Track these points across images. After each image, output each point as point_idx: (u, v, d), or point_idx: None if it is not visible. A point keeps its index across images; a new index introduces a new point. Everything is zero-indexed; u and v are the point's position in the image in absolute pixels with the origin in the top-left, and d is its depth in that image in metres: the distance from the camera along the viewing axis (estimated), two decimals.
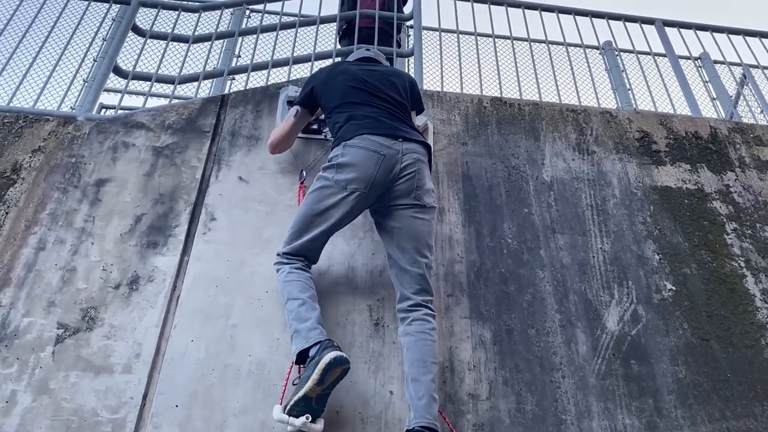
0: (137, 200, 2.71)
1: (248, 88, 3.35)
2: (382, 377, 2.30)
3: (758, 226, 3.12)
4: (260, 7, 4.36)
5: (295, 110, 2.70)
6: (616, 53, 4.39)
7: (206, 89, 4.46)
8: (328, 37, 4.57)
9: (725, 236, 3.03)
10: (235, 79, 4.30)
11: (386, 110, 2.51)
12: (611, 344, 2.54)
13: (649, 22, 4.28)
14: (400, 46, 4.29)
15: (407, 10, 4.47)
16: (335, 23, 4.22)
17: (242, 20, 4.54)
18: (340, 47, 4.23)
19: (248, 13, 4.65)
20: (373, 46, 3.65)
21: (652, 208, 3.08)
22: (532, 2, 4.17)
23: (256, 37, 3.89)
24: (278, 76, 4.40)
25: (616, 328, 2.60)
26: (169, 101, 3.43)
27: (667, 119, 3.59)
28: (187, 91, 4.67)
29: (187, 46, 3.74)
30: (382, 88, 2.57)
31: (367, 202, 2.37)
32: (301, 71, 4.16)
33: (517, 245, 2.81)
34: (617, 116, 3.53)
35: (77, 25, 3.64)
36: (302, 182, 2.78)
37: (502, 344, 2.48)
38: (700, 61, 4.58)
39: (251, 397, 2.18)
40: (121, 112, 3.40)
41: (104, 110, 4.82)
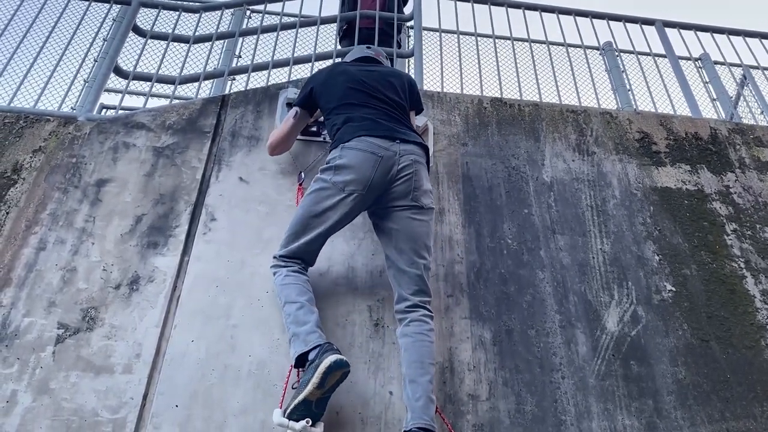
0: (138, 200, 2.72)
1: (249, 88, 3.35)
2: (381, 378, 2.30)
3: (758, 227, 3.12)
4: (261, 7, 4.36)
5: (294, 111, 2.70)
6: (616, 54, 4.39)
7: (207, 90, 4.46)
8: (328, 37, 4.57)
9: (725, 237, 3.04)
10: (235, 79, 4.31)
11: (384, 111, 2.51)
12: (611, 345, 2.54)
13: (649, 22, 4.28)
14: (400, 46, 4.30)
15: (407, 10, 4.47)
16: (336, 24, 4.23)
17: (243, 21, 4.54)
18: (340, 48, 4.23)
19: (249, 13, 4.65)
20: (373, 45, 3.66)
21: (652, 208, 3.08)
22: (532, 3, 4.17)
23: (256, 37, 3.90)
24: (279, 76, 4.40)
25: (615, 328, 2.60)
26: (169, 102, 3.43)
27: (667, 120, 3.59)
28: (187, 91, 4.67)
29: (187, 46, 3.75)
30: (380, 88, 2.57)
31: (364, 203, 2.37)
32: (301, 72, 4.16)
33: (517, 246, 2.81)
34: (617, 117, 3.53)
35: (78, 25, 3.64)
36: (301, 184, 2.78)
37: (501, 345, 2.48)
38: (700, 61, 4.58)
39: (251, 397, 2.19)
40: (121, 112, 3.40)
41: (105, 110, 4.83)
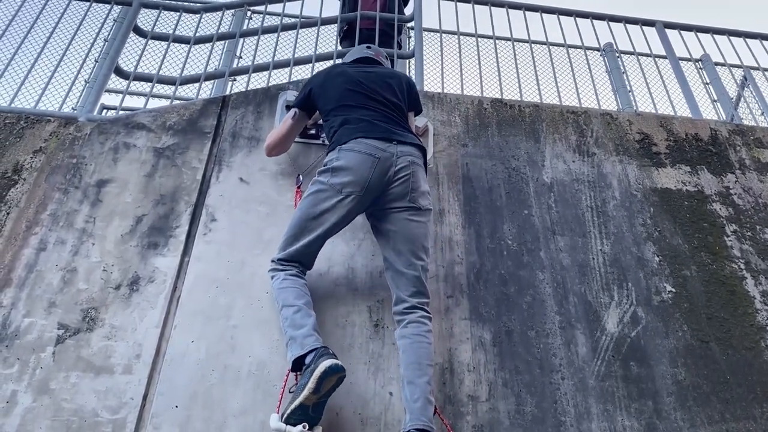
0: (138, 201, 2.72)
1: (249, 89, 3.35)
2: (381, 378, 2.31)
3: (758, 228, 3.12)
4: (261, 8, 4.37)
5: (292, 112, 2.69)
6: (616, 55, 4.39)
7: (207, 90, 4.46)
8: (329, 38, 4.58)
9: (725, 238, 3.03)
10: (236, 80, 4.31)
11: (381, 113, 2.51)
12: (611, 346, 2.54)
13: (649, 24, 4.28)
14: (401, 47, 4.30)
15: (408, 11, 4.48)
16: (336, 25, 4.23)
17: (243, 21, 4.55)
18: (341, 48, 4.24)
19: (249, 14, 4.65)
20: (373, 45, 3.66)
21: (652, 209, 3.08)
22: (533, 4, 4.17)
23: (257, 38, 3.90)
24: (279, 77, 4.42)
25: (615, 329, 2.60)
26: (170, 102, 3.43)
27: (667, 121, 3.59)
28: (188, 92, 4.67)
29: (188, 47, 3.75)
30: (378, 90, 2.57)
31: (362, 205, 2.37)
32: (302, 72, 4.16)
33: (517, 247, 2.81)
34: (618, 118, 3.53)
35: (79, 25, 3.64)
36: (299, 186, 2.77)
37: (501, 346, 2.48)
38: (700, 62, 4.58)
39: (251, 397, 2.19)
40: (122, 112, 3.41)
41: (105, 111, 4.83)
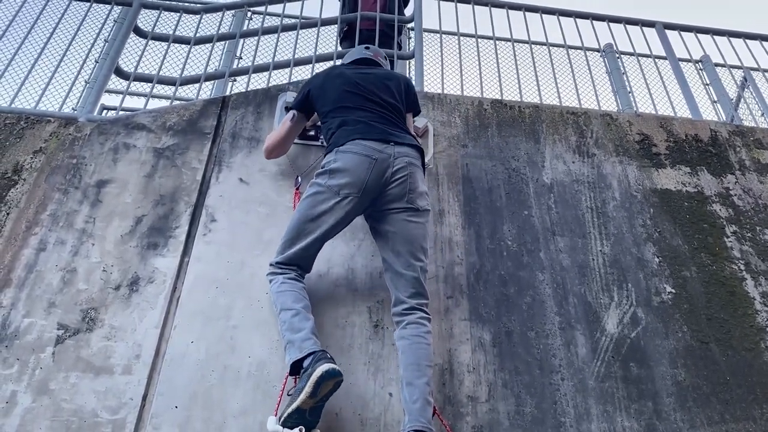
0: (138, 201, 2.72)
1: (249, 89, 3.35)
2: (381, 379, 2.31)
3: (758, 229, 3.12)
4: (261, 9, 4.37)
5: (291, 114, 2.69)
6: (616, 56, 4.39)
7: (207, 91, 4.46)
8: (329, 39, 4.58)
9: (725, 239, 3.03)
10: (236, 80, 4.31)
11: (379, 114, 2.52)
12: (611, 347, 2.54)
13: (649, 24, 4.28)
14: (401, 48, 4.30)
15: (408, 12, 4.48)
16: (336, 25, 4.23)
17: (243, 22, 4.55)
18: (341, 49, 4.24)
19: (249, 14, 4.66)
20: (372, 45, 3.66)
21: (651, 210, 3.08)
22: (533, 5, 4.17)
23: (257, 38, 3.90)
24: (279, 77, 4.42)
25: (615, 330, 2.60)
26: (170, 103, 3.43)
27: (667, 122, 3.59)
28: (188, 92, 4.67)
29: (188, 47, 3.75)
30: (375, 91, 2.57)
31: (360, 207, 2.37)
32: (302, 73, 4.16)
33: (516, 247, 2.81)
34: (617, 119, 3.53)
35: (79, 26, 3.64)
36: (298, 188, 2.77)
37: (501, 346, 2.48)
38: (700, 63, 4.58)
39: (251, 398, 2.19)
40: (122, 113, 3.41)
41: (105, 111, 4.83)
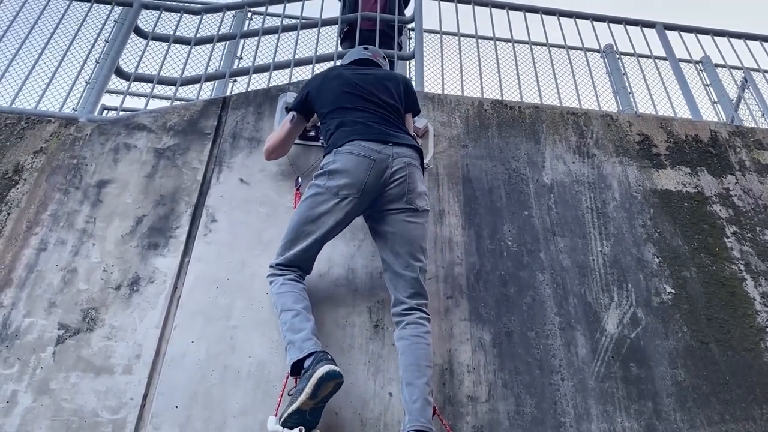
0: (138, 201, 2.72)
1: (250, 90, 3.35)
2: (381, 379, 2.31)
3: (758, 229, 3.12)
4: (262, 9, 4.37)
5: (291, 116, 2.70)
6: (617, 56, 4.39)
7: (208, 91, 4.47)
8: (329, 39, 4.58)
9: (725, 239, 3.04)
10: (236, 81, 4.31)
11: (377, 114, 2.52)
12: (610, 347, 2.54)
13: (650, 25, 4.29)
14: (401, 48, 4.30)
15: (408, 12, 4.48)
16: (336, 26, 4.24)
17: (244, 22, 4.55)
18: (341, 50, 4.24)
19: (250, 15, 4.66)
20: (371, 45, 3.66)
21: (652, 211, 3.08)
22: (533, 5, 4.18)
23: (257, 39, 3.91)
24: (280, 78, 4.42)
25: (615, 330, 2.60)
26: (170, 103, 3.44)
27: (667, 122, 3.59)
28: (188, 92, 4.67)
29: (188, 48, 3.76)
30: (374, 92, 2.57)
31: (359, 207, 2.38)
32: (302, 73, 4.16)
33: (517, 248, 2.81)
34: (618, 119, 3.53)
35: (80, 26, 3.65)
36: (298, 189, 2.77)
37: (501, 346, 2.48)
38: (701, 64, 4.58)
39: (251, 398, 2.19)
40: (122, 113, 3.41)
41: (106, 112, 4.83)
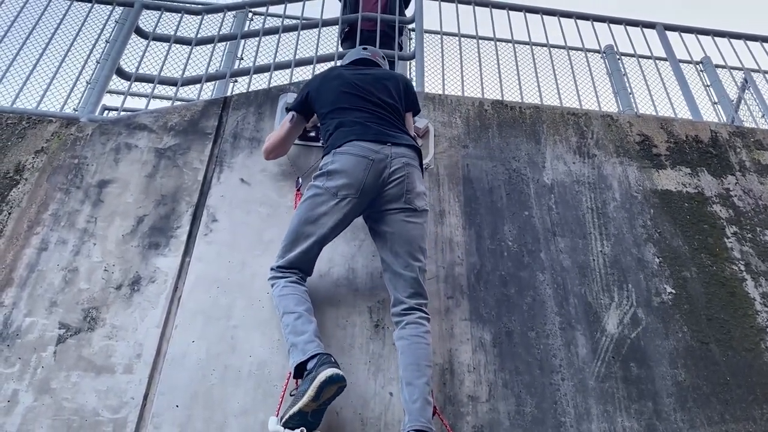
0: (139, 201, 2.73)
1: (250, 90, 3.35)
2: (381, 379, 2.31)
3: (758, 229, 3.12)
4: (262, 9, 4.38)
5: (291, 116, 2.70)
6: (617, 57, 4.39)
7: (209, 91, 4.47)
8: (330, 39, 4.59)
9: (725, 240, 3.04)
10: (237, 81, 4.31)
11: (376, 115, 2.52)
12: (611, 347, 2.55)
13: (650, 26, 4.29)
14: (401, 48, 4.30)
15: (409, 13, 4.48)
16: (337, 26, 4.24)
17: (245, 23, 4.56)
18: (341, 50, 4.24)
19: (250, 15, 4.66)
20: (370, 46, 3.67)
21: (652, 211, 3.09)
22: (533, 6, 4.18)
23: (258, 39, 3.91)
24: (280, 78, 4.42)
25: (615, 330, 2.60)
26: (171, 103, 3.44)
27: (667, 123, 3.59)
28: (189, 93, 4.68)
29: (189, 48, 3.76)
30: (373, 91, 2.58)
31: (359, 207, 2.38)
32: (303, 74, 4.16)
33: (517, 248, 2.81)
34: (618, 120, 3.54)
35: (80, 26, 3.65)
36: (299, 189, 2.77)
37: (501, 346, 2.48)
38: (701, 65, 4.59)
39: (252, 397, 2.19)
40: (123, 113, 3.41)
41: (107, 112, 4.83)
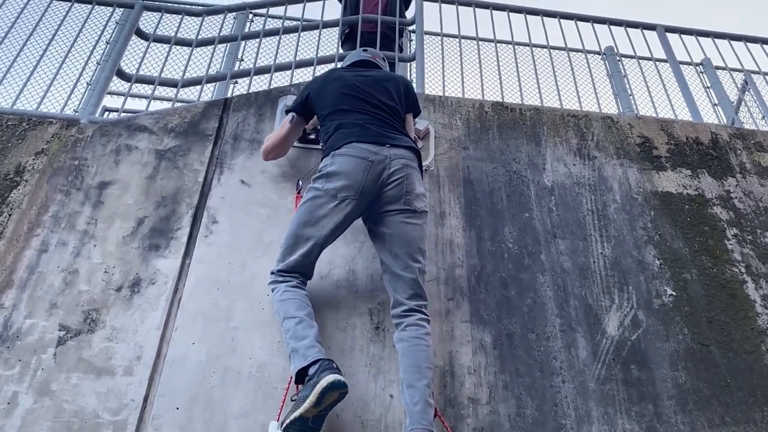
0: (139, 203, 2.72)
1: (251, 91, 3.35)
2: (382, 381, 2.31)
3: (759, 231, 3.12)
4: (263, 11, 4.38)
5: (290, 117, 2.70)
6: (617, 58, 4.39)
7: (209, 93, 4.47)
8: (330, 41, 4.58)
9: (726, 242, 3.04)
10: (237, 82, 4.31)
11: (376, 116, 2.51)
12: (611, 349, 2.54)
13: (650, 27, 4.29)
14: (402, 50, 4.31)
15: (409, 14, 4.48)
16: (337, 28, 4.24)
17: (245, 24, 4.56)
18: (342, 52, 4.24)
19: (251, 17, 4.66)
20: (370, 47, 3.66)
21: (652, 213, 3.08)
22: (534, 7, 4.18)
23: (258, 41, 3.91)
24: (281, 80, 4.41)
25: (616, 333, 2.60)
26: (171, 104, 3.44)
27: (668, 125, 3.59)
28: (189, 94, 4.67)
29: (190, 49, 3.76)
30: (374, 93, 2.57)
31: (358, 209, 2.37)
32: (303, 75, 4.16)
33: (517, 250, 2.81)
34: (618, 121, 3.54)
35: (81, 28, 3.66)
36: (299, 192, 2.77)
37: (502, 348, 2.48)
38: (701, 66, 4.58)
39: (252, 399, 2.19)
40: (124, 115, 3.42)
41: (107, 113, 4.83)
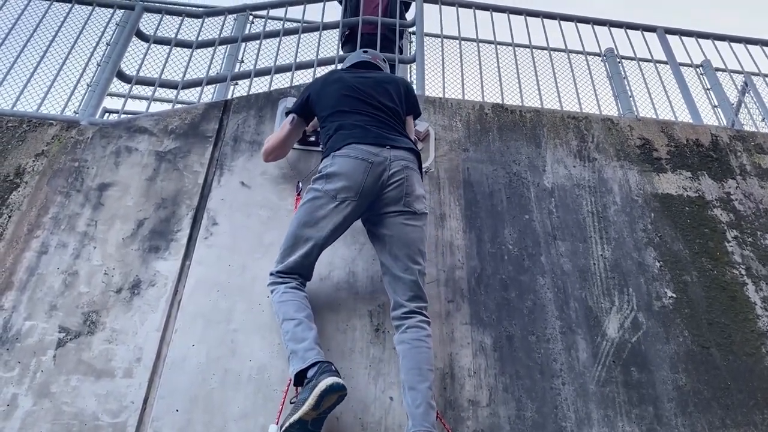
0: (140, 204, 2.72)
1: (251, 93, 3.35)
2: (382, 383, 2.31)
3: (759, 233, 3.12)
4: (263, 13, 4.38)
5: (291, 118, 2.70)
6: (617, 60, 4.39)
7: (209, 94, 4.47)
8: (330, 43, 4.58)
9: (726, 244, 3.03)
10: (237, 84, 4.32)
11: (376, 118, 2.52)
12: (611, 351, 2.54)
13: (650, 29, 4.29)
14: (402, 52, 4.31)
15: (410, 16, 4.49)
16: (338, 29, 4.24)
17: (245, 26, 4.56)
18: (342, 53, 4.24)
19: (251, 18, 4.66)
20: (370, 49, 3.66)
21: (652, 215, 3.08)
22: (534, 9, 4.18)
23: (259, 42, 3.91)
24: (281, 81, 4.41)
25: (616, 335, 2.60)
26: (172, 106, 3.44)
27: (668, 126, 3.59)
28: (190, 96, 4.67)
29: (190, 51, 3.76)
30: (374, 95, 2.58)
31: (358, 210, 2.37)
32: (303, 77, 4.17)
33: (517, 252, 2.81)
34: (618, 123, 3.54)
35: (81, 29, 3.66)
36: (299, 194, 2.77)
37: (502, 351, 2.48)
38: (701, 68, 4.58)
39: (251, 401, 2.19)
40: (124, 116, 3.42)
41: (107, 115, 4.84)
